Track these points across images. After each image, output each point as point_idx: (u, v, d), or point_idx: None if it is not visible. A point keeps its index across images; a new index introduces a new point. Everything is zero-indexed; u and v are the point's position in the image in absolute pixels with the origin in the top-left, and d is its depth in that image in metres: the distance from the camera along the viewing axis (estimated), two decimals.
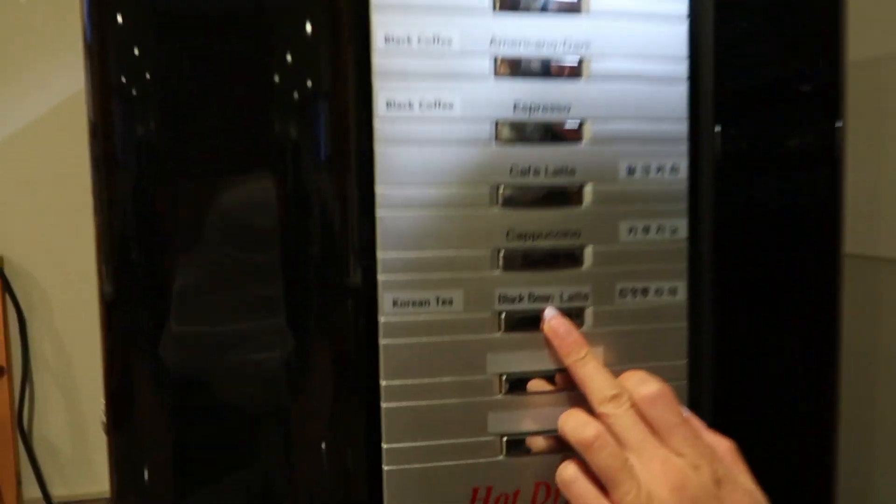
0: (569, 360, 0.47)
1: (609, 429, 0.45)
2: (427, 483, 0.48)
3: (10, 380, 1.07)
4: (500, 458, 0.49)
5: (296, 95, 0.46)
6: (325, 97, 0.47)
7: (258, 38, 0.46)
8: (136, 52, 0.45)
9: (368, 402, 0.48)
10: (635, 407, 0.45)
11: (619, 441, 0.44)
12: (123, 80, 0.44)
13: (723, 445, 0.46)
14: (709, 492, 0.42)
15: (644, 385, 0.45)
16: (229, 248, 0.46)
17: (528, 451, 0.49)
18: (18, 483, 1.08)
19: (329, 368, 0.48)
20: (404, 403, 0.48)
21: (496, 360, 0.49)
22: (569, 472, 0.46)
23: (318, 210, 0.47)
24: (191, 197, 0.45)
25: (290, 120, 0.46)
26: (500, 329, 0.48)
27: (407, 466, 0.48)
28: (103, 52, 0.45)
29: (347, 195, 0.47)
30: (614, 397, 0.45)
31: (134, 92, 0.45)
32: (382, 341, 0.47)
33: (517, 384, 0.49)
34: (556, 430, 0.49)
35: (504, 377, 0.49)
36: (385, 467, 0.48)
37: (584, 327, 0.49)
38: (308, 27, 0.46)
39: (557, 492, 0.50)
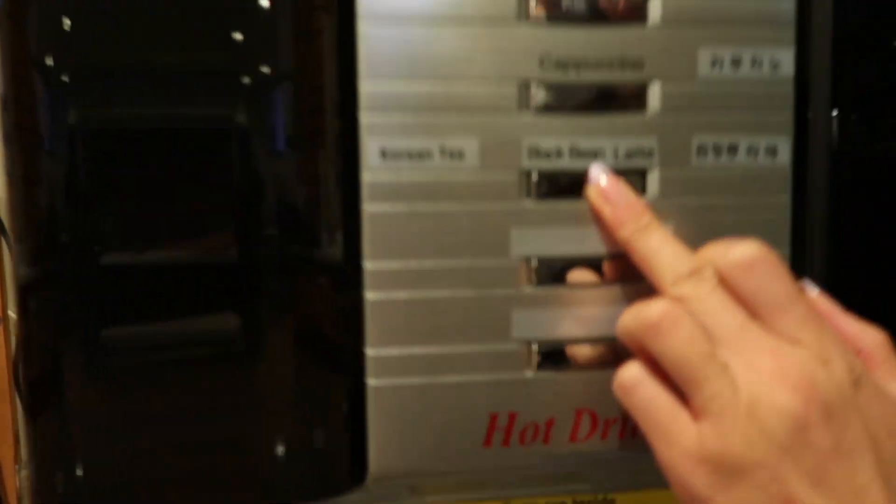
0: (625, 232, 0.34)
1: (686, 314, 0.31)
2: (426, 405, 0.36)
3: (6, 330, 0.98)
4: (529, 374, 0.36)
5: None
6: None
7: None
8: (57, 20, 0.33)
9: (347, 296, 0.35)
10: (725, 283, 0.31)
11: (703, 328, 0.31)
12: (41, 50, 0.33)
13: (870, 337, 0.32)
14: (845, 396, 0.28)
15: (734, 249, 0.32)
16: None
17: (567, 365, 0.36)
18: (16, 441, 0.99)
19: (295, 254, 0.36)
20: (395, 295, 0.35)
21: (523, 237, 0.35)
22: (631, 373, 0.33)
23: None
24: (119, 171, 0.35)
25: None
26: (528, 194, 0.35)
27: (398, 381, 0.35)
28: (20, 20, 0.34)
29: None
30: (693, 273, 0.32)
31: (51, 62, 0.33)
32: (367, 207, 0.35)
33: (553, 272, 0.36)
34: (607, 337, 0.36)
35: (534, 263, 0.35)
36: (369, 381, 0.35)
37: (647, 197, 0.36)
38: None
39: (608, 424, 0.37)
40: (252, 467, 0.37)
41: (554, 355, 0.36)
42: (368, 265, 0.35)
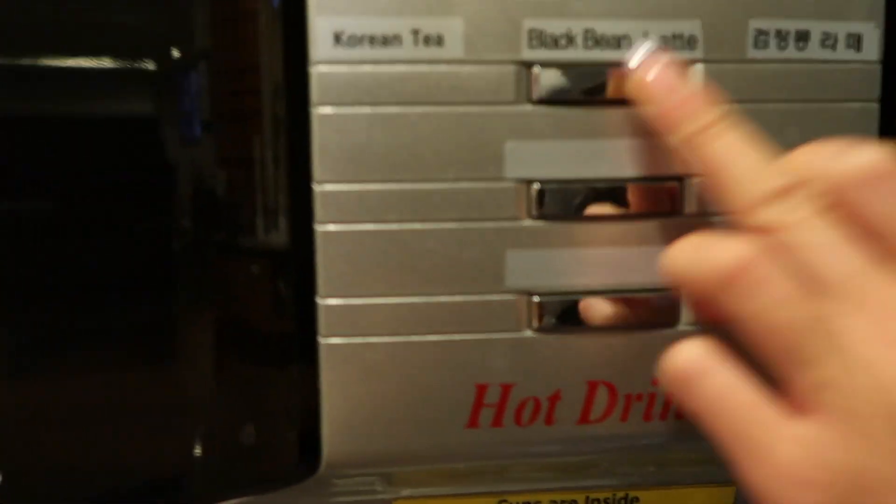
0: (683, 134, 0.25)
1: (778, 256, 0.22)
2: (393, 373, 0.27)
3: None
4: (527, 333, 0.28)
5: None
6: None
7: None
8: None
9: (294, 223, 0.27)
10: (835, 206, 0.22)
11: (803, 277, 0.21)
12: None
13: None
14: None
15: (849, 156, 0.22)
16: None
17: (577, 324, 0.28)
18: None
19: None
20: (354, 227, 0.27)
21: (520, 152, 0.27)
22: (693, 354, 0.23)
23: None
24: None
25: None
26: (528, 95, 0.27)
27: (357, 340, 0.27)
28: None
29: None
30: (786, 191, 0.22)
31: None
32: (317, 111, 0.26)
33: (560, 199, 0.27)
34: (633, 288, 0.27)
35: (535, 187, 0.27)
36: (321, 341, 0.27)
37: None
38: None
39: (630, 401, 0.28)
40: (174, 465, 0.29)
41: (560, 310, 0.28)
42: (319, 188, 0.27)
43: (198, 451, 0.28)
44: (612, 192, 0.27)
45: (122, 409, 0.28)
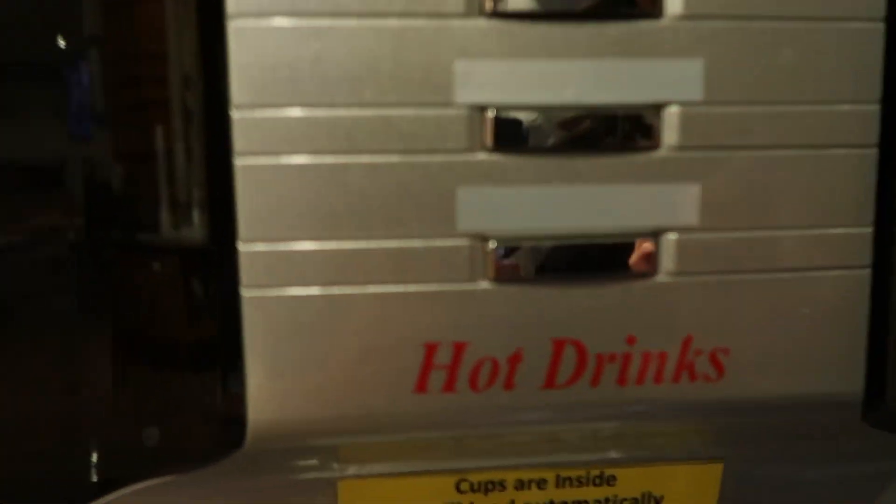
0: None
1: None
2: (327, 331, 0.24)
3: None
4: (483, 285, 0.24)
5: None
6: None
7: None
8: None
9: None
10: None
11: None
12: None
13: None
14: None
15: None
16: None
17: (541, 274, 0.24)
18: None
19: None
20: (278, 160, 0.23)
21: (474, 71, 0.23)
22: None
23: None
24: None
25: None
26: (480, 10, 0.23)
27: (285, 292, 0.23)
28: None
29: None
30: None
31: None
32: (231, 25, 0.23)
33: (521, 128, 0.23)
34: (606, 232, 0.24)
35: (490, 113, 0.23)
36: (244, 293, 0.24)
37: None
38: None
39: (602, 362, 0.25)
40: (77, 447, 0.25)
41: (520, 257, 0.24)
42: (239, 114, 0.23)
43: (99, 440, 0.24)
44: (579, 120, 0.24)
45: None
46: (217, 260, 0.24)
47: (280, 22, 0.22)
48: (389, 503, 0.28)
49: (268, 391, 0.24)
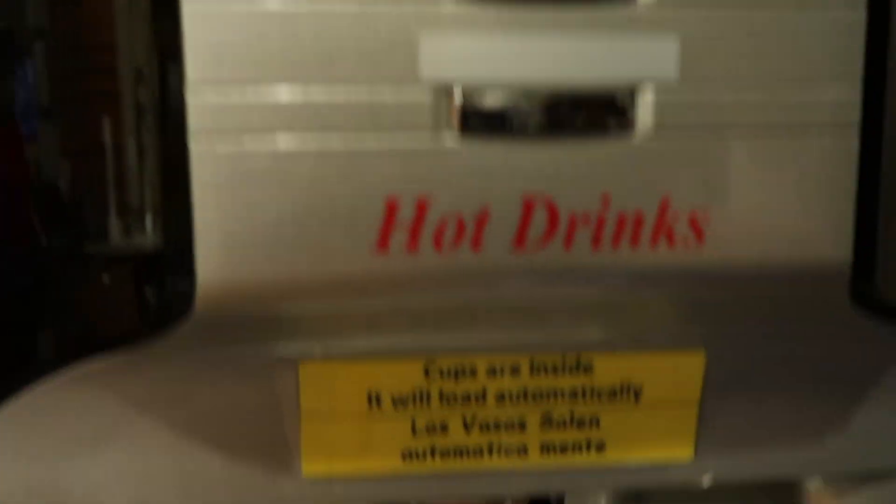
0: None
1: None
2: (282, 186, 0.22)
3: None
4: (447, 136, 0.23)
5: None
6: None
7: None
8: None
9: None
10: None
11: None
12: None
13: None
14: None
15: None
16: None
17: (511, 128, 0.23)
18: None
19: None
20: (226, 7, 0.22)
21: None
22: None
23: None
24: None
25: None
26: None
27: (237, 149, 0.22)
28: None
29: None
30: None
31: None
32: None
33: None
34: (581, 84, 0.22)
35: None
36: (192, 147, 0.22)
37: None
38: None
39: (575, 222, 0.23)
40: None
41: (488, 109, 0.23)
42: None
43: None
44: None
45: None
46: (164, 111, 0.23)
47: None
48: (354, 389, 0.26)
49: (217, 251, 0.22)
